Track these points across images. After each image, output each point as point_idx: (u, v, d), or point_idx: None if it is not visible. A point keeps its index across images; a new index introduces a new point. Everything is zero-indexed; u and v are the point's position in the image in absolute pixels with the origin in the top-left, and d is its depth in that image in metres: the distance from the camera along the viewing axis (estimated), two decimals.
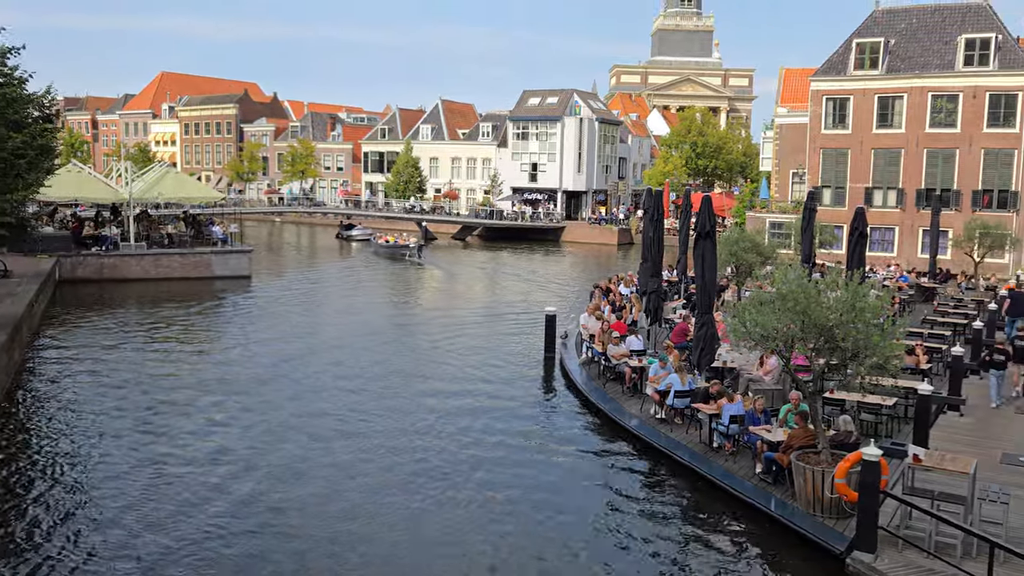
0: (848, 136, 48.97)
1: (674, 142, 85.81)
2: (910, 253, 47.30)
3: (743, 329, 13.44)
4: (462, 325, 31.59)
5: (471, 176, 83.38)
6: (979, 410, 18.81)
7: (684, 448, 16.17)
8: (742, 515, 13.68)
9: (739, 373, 19.57)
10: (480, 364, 24.69)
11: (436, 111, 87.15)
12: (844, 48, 49.21)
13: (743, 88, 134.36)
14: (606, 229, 71.50)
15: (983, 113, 45.52)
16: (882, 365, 12.68)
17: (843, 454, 12.82)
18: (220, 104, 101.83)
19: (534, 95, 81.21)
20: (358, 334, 29.40)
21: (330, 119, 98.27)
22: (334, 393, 21.14)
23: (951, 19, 47.86)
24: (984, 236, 36.77)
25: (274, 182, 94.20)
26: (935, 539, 11.43)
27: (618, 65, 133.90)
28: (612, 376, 21.09)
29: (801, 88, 53.92)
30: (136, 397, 20.24)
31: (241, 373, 23.03)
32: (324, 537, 12.81)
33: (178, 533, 12.76)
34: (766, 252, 28.39)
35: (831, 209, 47.80)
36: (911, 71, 47.01)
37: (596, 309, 25.28)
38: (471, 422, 18.75)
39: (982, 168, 45.93)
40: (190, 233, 43.36)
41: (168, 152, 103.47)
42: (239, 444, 16.95)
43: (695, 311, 20.61)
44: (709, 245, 19.31)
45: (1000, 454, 15.60)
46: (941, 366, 21.84)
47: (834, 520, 12.64)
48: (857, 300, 12.76)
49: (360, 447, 16.94)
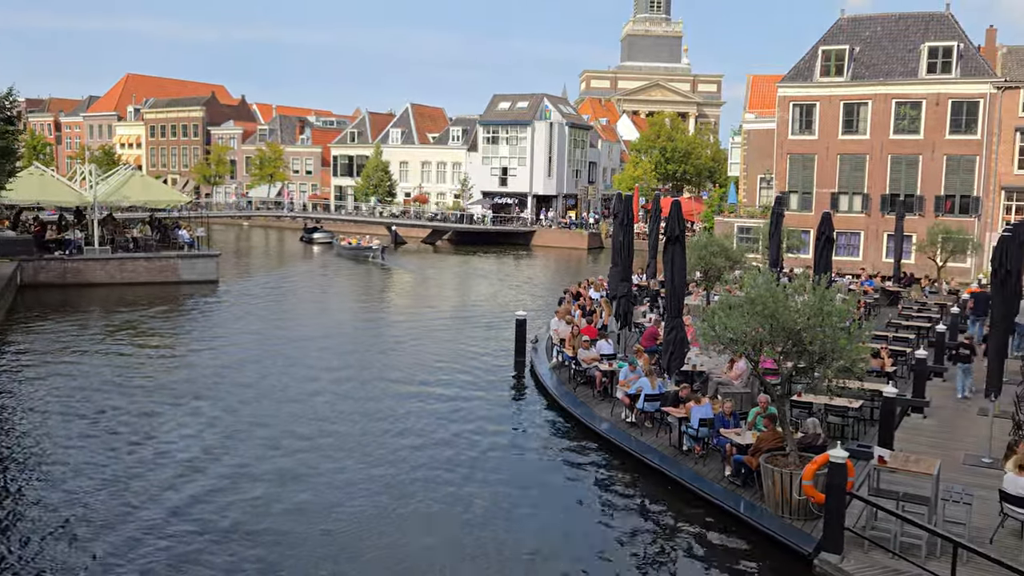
0: (815, 142, 49.61)
1: (643, 147, 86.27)
2: (875, 257, 48.00)
3: (712, 333, 13.55)
4: (432, 330, 31.50)
5: (441, 180, 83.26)
6: (943, 412, 19.12)
7: (654, 451, 16.24)
8: (712, 517, 13.76)
9: (708, 376, 19.70)
10: (450, 369, 24.62)
11: (406, 115, 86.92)
12: (810, 55, 49.86)
13: (712, 94, 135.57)
14: (576, 233, 71.73)
15: (945, 120, 46.36)
16: (849, 368, 12.85)
17: (811, 456, 12.95)
18: (187, 107, 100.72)
19: (504, 99, 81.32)
20: (326, 339, 29.19)
21: (299, 122, 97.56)
22: (301, 398, 20.96)
23: (914, 28, 48.71)
24: (946, 241, 37.39)
25: (242, 185, 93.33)
26: (900, 539, 11.58)
27: (588, 70, 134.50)
28: (582, 380, 21.13)
29: (768, 94, 54.58)
30: (97, 402, 19.92)
31: (204, 378, 22.76)
32: (277, 540, 12.69)
33: (129, 534, 12.66)
34: (734, 257, 28.63)
35: (798, 214, 48.35)
36: (876, 78, 47.76)
37: (566, 313, 25.32)
38: (440, 427, 18.68)
39: (944, 174, 46.76)
40: (156, 237, 42.81)
41: (134, 155, 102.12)
42: (198, 448, 16.77)
43: (664, 315, 20.72)
44: (678, 249, 19.42)
45: (963, 455, 15.86)
46: (906, 369, 22.15)
47: (802, 522, 12.76)
48: (824, 304, 12.91)
49: (327, 452, 16.81)
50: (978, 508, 12.42)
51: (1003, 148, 45.12)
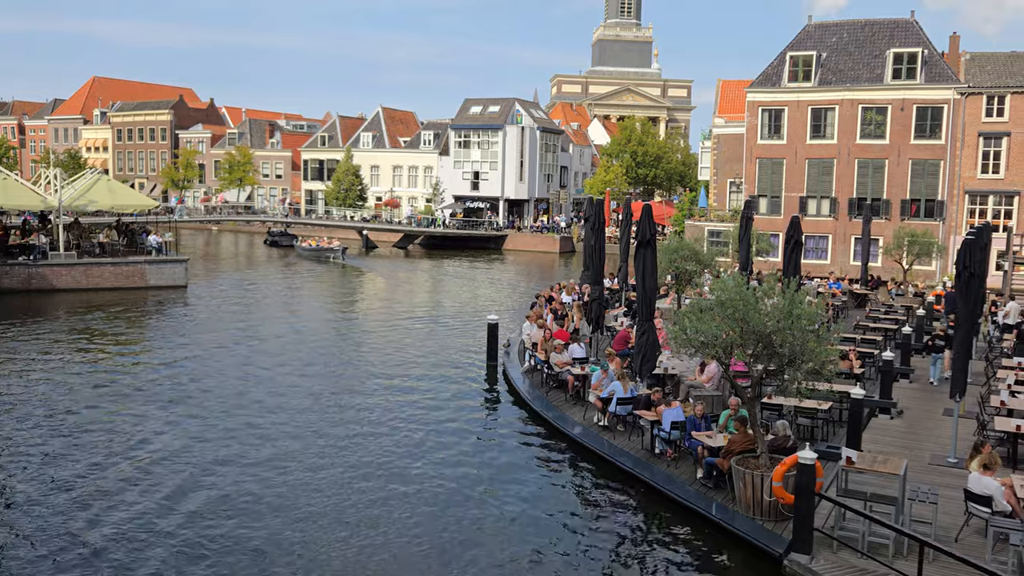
0: (783, 146, 50.14)
1: (614, 151, 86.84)
2: (843, 261, 48.58)
3: (684, 336, 13.63)
4: (403, 335, 31.38)
5: (413, 184, 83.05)
6: (910, 412, 19.39)
7: (627, 455, 16.30)
8: (684, 520, 13.83)
9: (680, 380, 19.82)
10: (422, 374, 24.54)
11: (377, 119, 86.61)
12: (778, 61, 50.41)
13: (682, 99, 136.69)
14: (548, 237, 71.87)
15: (910, 125, 47.09)
16: (818, 370, 12.98)
17: (780, 458, 13.06)
18: (154, 110, 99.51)
19: (476, 103, 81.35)
20: (297, 344, 28.97)
21: (269, 126, 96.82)
22: (269, 404, 20.77)
23: (880, 34, 49.44)
24: (912, 244, 37.95)
25: (210, 189, 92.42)
26: (868, 539, 11.72)
27: (559, 74, 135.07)
28: (555, 384, 21.17)
29: (738, 99, 55.03)
30: (60, 408, 19.60)
31: (170, 384, 22.48)
32: (251, 546, 12.57)
33: (89, 541, 12.43)
34: (704, 260, 28.82)
35: (767, 218, 48.86)
36: (842, 84, 48.39)
37: (538, 317, 25.35)
38: (412, 432, 18.61)
39: (910, 178, 47.47)
40: (123, 242, 42.24)
41: (100, 159, 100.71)
42: (162, 453, 16.57)
43: (636, 318, 20.81)
44: (649, 253, 19.53)
45: (929, 455, 16.09)
46: (873, 370, 22.44)
47: (772, 523, 12.87)
48: (794, 307, 13.04)
49: (295, 456, 16.68)
50: (944, 507, 12.62)
51: (966, 152, 45.91)
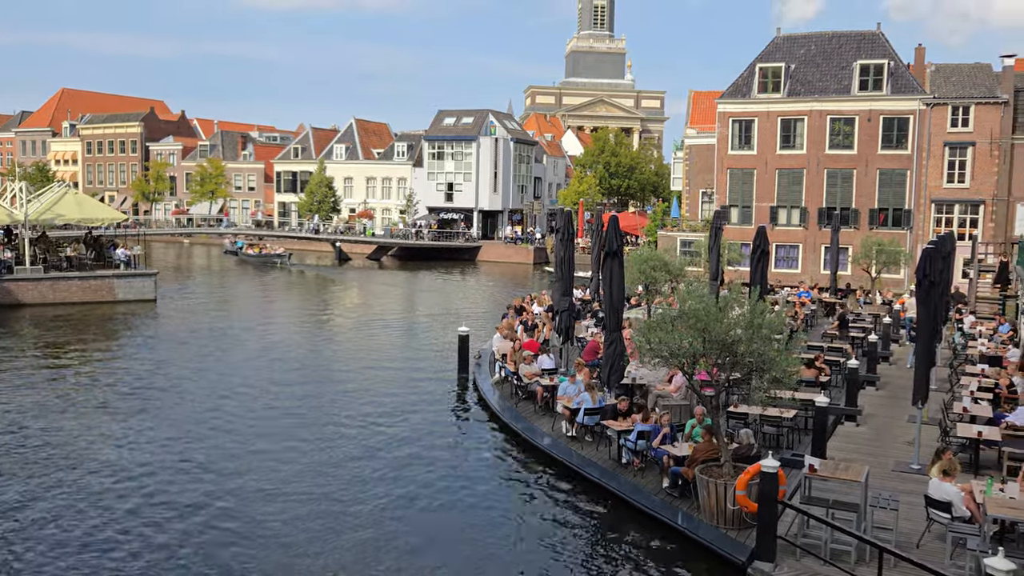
0: (754, 157, 50.62)
1: (588, 162, 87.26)
2: (814, 270, 49.05)
3: (648, 347, 13.69)
4: (375, 346, 31.25)
5: (386, 196, 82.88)
6: (875, 419, 19.58)
7: (594, 465, 16.30)
8: (650, 529, 13.85)
9: (648, 389, 19.87)
10: (393, 385, 24.45)
11: (350, 130, 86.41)
12: (748, 72, 50.95)
13: (655, 109, 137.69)
14: (522, 248, 71.96)
15: (878, 135, 47.77)
16: (780, 379, 13.07)
17: (744, 467, 13.13)
18: (124, 122, 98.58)
19: (449, 115, 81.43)
20: (267, 358, 28.73)
21: (241, 138, 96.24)
22: (237, 418, 20.58)
23: (847, 46, 50.13)
24: (880, 253, 38.36)
25: (182, 202, 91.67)
26: (830, 546, 11.79)
27: (533, 86, 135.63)
28: (525, 395, 21.15)
29: (709, 110, 55.50)
30: (25, 424, 19.28)
31: (135, 399, 22.21)
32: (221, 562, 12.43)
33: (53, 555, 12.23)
34: (674, 270, 28.94)
35: (739, 228, 49.25)
36: (810, 95, 48.99)
37: (508, 329, 25.34)
38: (382, 444, 18.52)
39: (878, 187, 48.13)
40: (90, 256, 41.75)
41: (69, 171, 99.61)
42: (128, 470, 16.35)
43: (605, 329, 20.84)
44: (616, 264, 19.57)
45: (893, 462, 16.24)
46: (840, 378, 22.62)
47: (736, 531, 12.91)
48: (756, 317, 13.13)
49: (265, 468, 16.52)
50: (906, 513, 12.73)
51: (932, 162, 46.61)
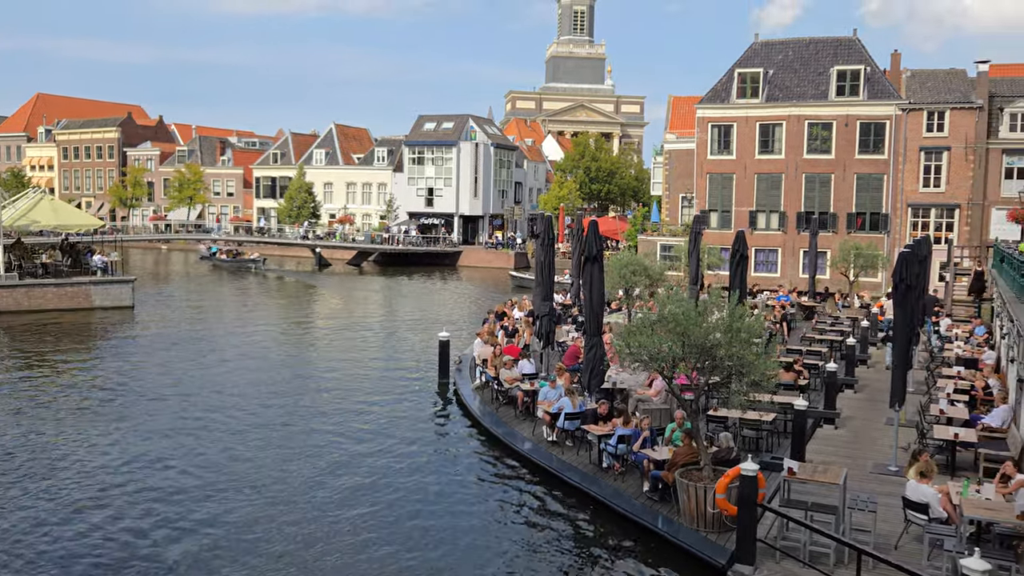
0: (733, 161, 50.94)
1: (568, 167, 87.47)
2: (792, 274, 49.41)
3: (628, 351, 13.71)
4: (355, 351, 31.10)
5: (367, 201, 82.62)
6: (853, 422, 19.71)
7: (575, 470, 16.30)
8: (630, 533, 13.85)
9: (629, 394, 19.90)
10: (374, 391, 24.34)
11: (330, 135, 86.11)
12: (727, 77, 51.29)
13: (635, 115, 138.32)
14: (502, 253, 71.96)
15: (855, 140, 48.23)
16: (759, 382, 13.13)
17: (724, 470, 13.16)
18: (101, 127, 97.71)
19: (429, 120, 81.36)
20: (246, 363, 28.52)
21: (220, 143, 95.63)
22: (215, 423, 20.39)
23: (824, 52, 50.60)
24: (858, 257, 38.73)
25: (160, 208, 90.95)
26: (809, 549, 11.85)
27: (513, 91, 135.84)
28: (505, 400, 21.12)
29: (689, 115, 55.80)
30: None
31: (112, 406, 21.96)
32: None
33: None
34: (654, 275, 29.06)
35: (718, 232, 49.49)
36: (789, 100, 49.38)
37: (489, 334, 25.32)
38: (363, 449, 18.43)
39: (855, 192, 48.57)
40: (67, 262, 41.31)
41: (45, 177, 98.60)
42: (103, 479, 16.17)
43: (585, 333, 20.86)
44: (596, 269, 19.62)
45: (871, 464, 16.35)
46: (818, 381, 22.77)
47: (716, 534, 12.94)
48: (734, 321, 13.19)
49: (243, 473, 16.38)
50: (884, 515, 12.81)
51: (908, 167, 47.12)
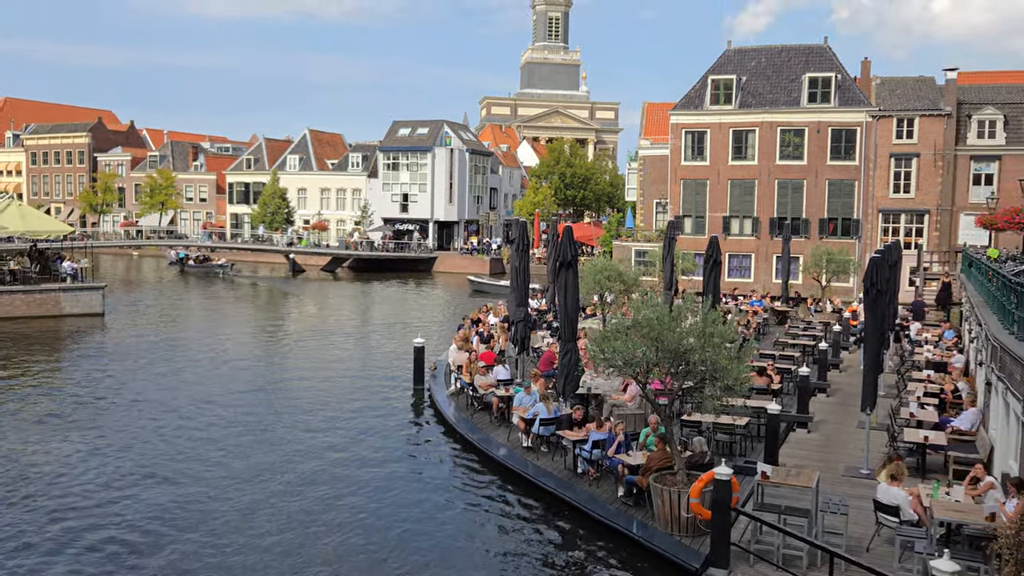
0: (706, 167, 51.30)
1: (543, 173, 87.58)
2: (766, 279, 49.80)
3: (603, 356, 13.74)
4: (329, 358, 30.92)
5: (341, 207, 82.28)
6: (826, 426, 19.88)
7: (550, 476, 16.29)
8: (605, 538, 13.86)
9: (604, 399, 19.93)
10: (349, 397, 24.21)
11: (304, 141, 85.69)
12: (701, 84, 51.68)
13: (609, 121, 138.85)
14: (478, 259, 71.93)
15: (826, 146, 48.78)
16: (732, 387, 13.20)
17: (698, 474, 13.22)
18: (71, 132, 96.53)
19: (404, 126, 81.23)
20: (219, 371, 28.26)
21: (192, 148, 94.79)
22: (188, 431, 20.17)
23: (796, 59, 51.14)
24: (830, 262, 39.12)
25: (131, 214, 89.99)
26: (783, 552, 11.92)
27: (488, 97, 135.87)
28: (480, 406, 21.08)
29: (663, 121, 56.15)
30: None
31: (81, 415, 21.65)
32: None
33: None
34: (628, 281, 29.14)
35: (692, 237, 49.80)
36: (761, 106, 49.85)
37: (464, 340, 25.27)
38: (337, 456, 18.31)
39: (827, 198, 49.10)
40: (35, 269, 40.71)
41: (13, 183, 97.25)
42: (75, 488, 15.93)
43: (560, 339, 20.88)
44: (571, 274, 19.64)
45: (843, 467, 16.49)
46: (791, 386, 22.94)
47: (690, 538, 12.98)
48: (708, 326, 13.26)
49: (215, 482, 16.21)
50: (856, 518, 12.92)
51: (879, 173, 47.71)
